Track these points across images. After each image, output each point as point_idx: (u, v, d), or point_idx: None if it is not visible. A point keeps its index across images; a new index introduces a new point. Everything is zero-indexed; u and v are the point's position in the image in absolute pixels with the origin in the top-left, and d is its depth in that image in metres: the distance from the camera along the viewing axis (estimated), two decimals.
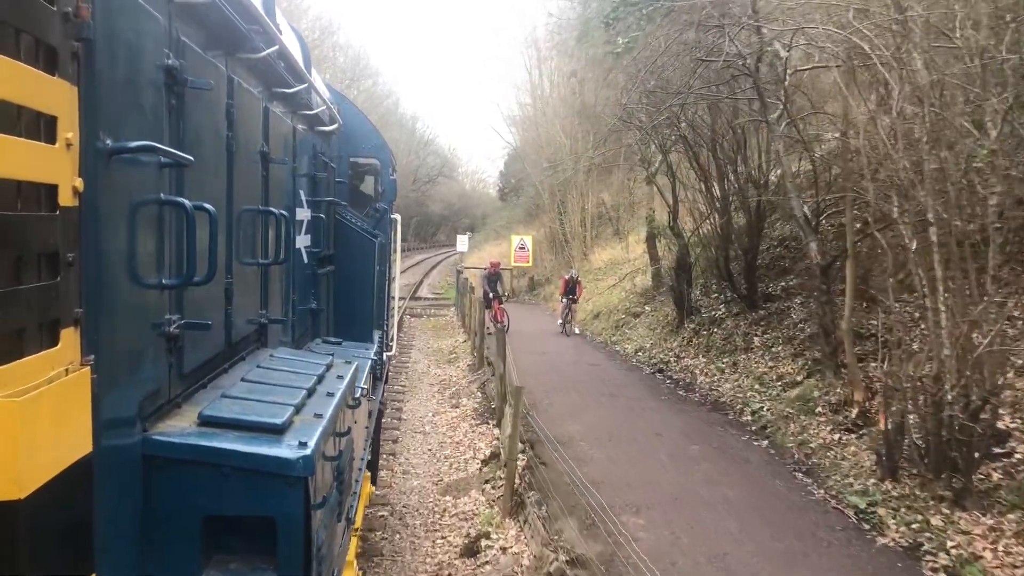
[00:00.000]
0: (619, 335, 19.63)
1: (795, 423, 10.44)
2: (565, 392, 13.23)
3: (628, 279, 23.70)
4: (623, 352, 17.95)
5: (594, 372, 15.37)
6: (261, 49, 3.77)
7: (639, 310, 20.27)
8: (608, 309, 22.08)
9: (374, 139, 8.63)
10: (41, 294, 1.80)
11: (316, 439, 2.72)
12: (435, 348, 21.00)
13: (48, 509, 1.76)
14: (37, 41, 1.78)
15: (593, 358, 17.14)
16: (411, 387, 15.92)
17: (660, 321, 18.26)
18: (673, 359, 15.73)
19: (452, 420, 13.08)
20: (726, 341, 14.54)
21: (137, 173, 2.38)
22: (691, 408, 12.35)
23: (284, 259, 4.41)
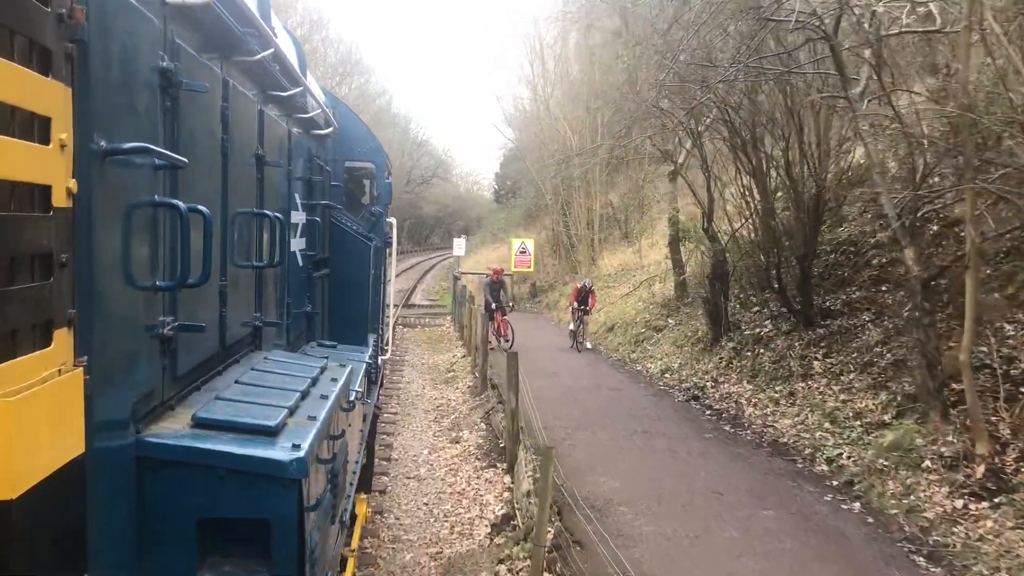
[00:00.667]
0: (640, 352, 17.46)
1: (894, 480, 8.26)
2: (589, 428, 11.08)
3: (644, 287, 21.61)
4: (646, 373, 15.83)
5: (618, 400, 13.15)
6: (256, 52, 3.77)
7: (661, 323, 18.10)
8: (624, 321, 19.94)
9: (369, 143, 8.64)
10: (34, 295, 1.80)
11: (310, 441, 2.72)
12: (430, 364, 19.01)
13: (40, 510, 1.76)
14: (31, 42, 1.78)
15: (613, 380, 15.06)
16: (403, 414, 13.69)
17: (688, 337, 16.15)
18: (710, 384, 13.55)
19: (452, 460, 10.95)
20: (777, 365, 12.33)
21: (131, 175, 2.38)
22: (746, 451, 10.05)
23: (279, 262, 4.41)
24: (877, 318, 11.39)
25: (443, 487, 9.90)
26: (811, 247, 12.60)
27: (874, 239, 12.72)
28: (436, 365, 18.81)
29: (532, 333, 21.05)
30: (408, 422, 13.13)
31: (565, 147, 30.19)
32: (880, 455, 8.72)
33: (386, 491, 9.50)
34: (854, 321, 11.85)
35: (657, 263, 22.40)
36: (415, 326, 26.21)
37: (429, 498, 9.50)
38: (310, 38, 42.32)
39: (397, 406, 14.20)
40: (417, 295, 36.96)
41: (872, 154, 9.81)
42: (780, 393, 11.65)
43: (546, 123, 33.79)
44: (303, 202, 5.74)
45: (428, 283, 43.95)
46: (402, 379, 16.77)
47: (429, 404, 14.58)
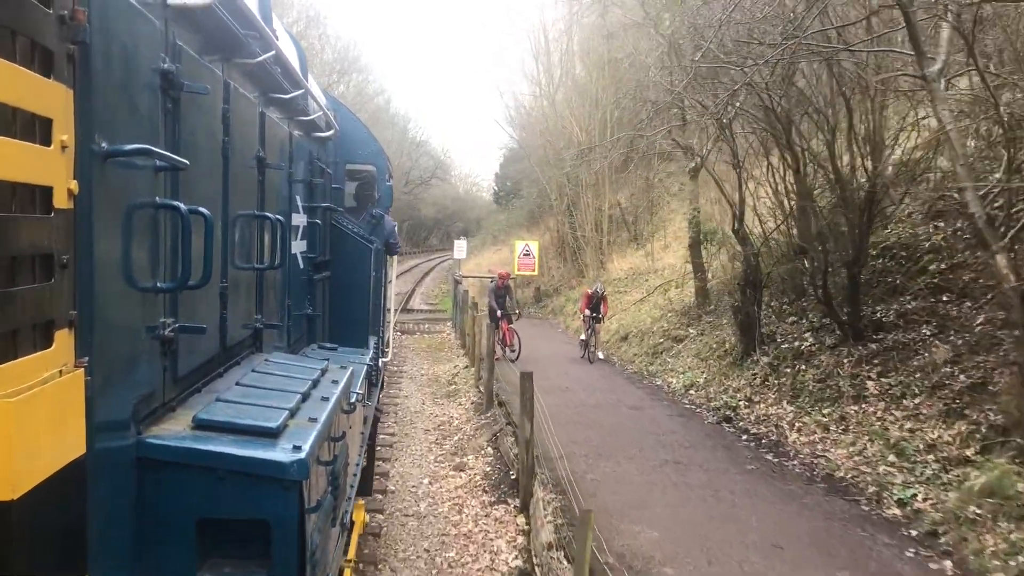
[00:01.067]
0: (659, 365, 15.96)
1: (993, 534, 6.80)
2: (612, 457, 9.77)
3: (659, 293, 20.13)
4: (668, 389, 14.39)
5: (640, 421, 11.75)
6: (258, 54, 3.78)
7: (681, 333, 16.62)
8: (640, 330, 18.44)
9: (370, 145, 8.65)
10: (35, 296, 1.80)
11: (310, 443, 2.72)
12: (431, 376, 17.58)
13: (41, 511, 1.76)
14: (33, 43, 1.79)
15: (632, 397, 13.62)
16: (401, 434, 12.29)
17: (713, 349, 14.67)
18: (743, 404, 12.08)
19: (456, 493, 9.59)
20: (823, 384, 10.90)
21: (132, 176, 2.39)
22: (798, 488, 8.63)
23: (279, 264, 4.42)
24: (940, 332, 9.96)
25: (446, 527, 8.56)
26: (861, 251, 11.07)
27: (929, 242, 11.35)
28: (436, 377, 17.41)
29: (539, 341, 19.75)
30: (407, 444, 11.78)
31: (571, 144, 28.85)
32: (969, 500, 7.21)
33: (381, 533, 8.30)
34: (912, 335, 10.33)
35: (672, 267, 21.23)
36: (414, 332, 24.82)
37: (431, 542, 8.18)
38: (306, 34, 41.28)
39: (395, 424, 12.85)
40: (416, 299, 35.38)
41: (955, 142, 8.19)
42: (829, 417, 10.21)
43: (551, 120, 32.27)
44: (304, 204, 5.75)
45: (427, 286, 42.31)
46: (400, 393, 15.48)
47: (429, 422, 13.16)
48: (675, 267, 21.01)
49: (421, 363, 19.25)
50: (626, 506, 8.01)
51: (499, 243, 43.53)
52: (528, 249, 27.59)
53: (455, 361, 19.02)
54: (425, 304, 33.49)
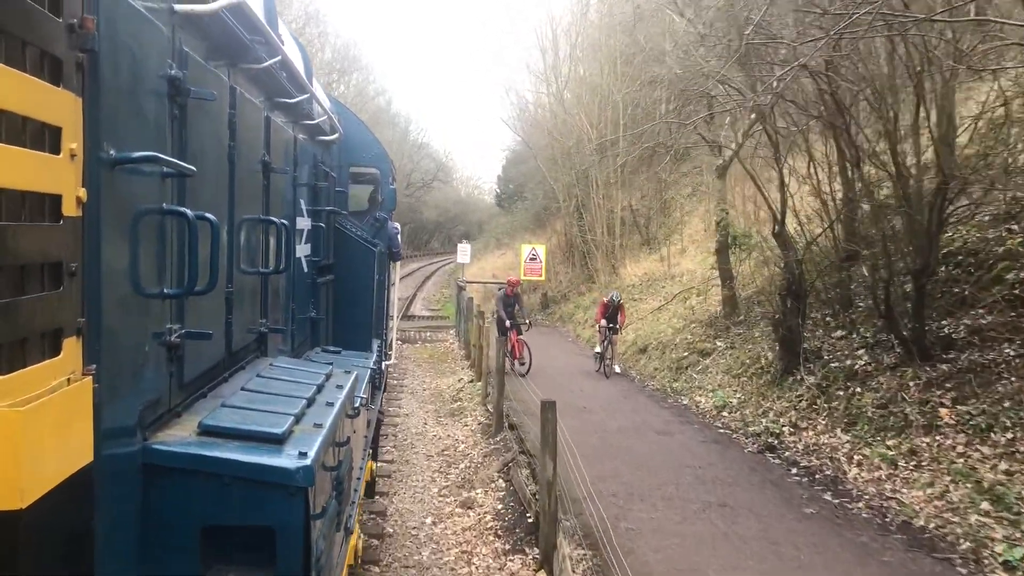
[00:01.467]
0: (684, 381, 14.40)
1: None
2: (646, 498, 8.21)
3: (678, 301, 18.55)
4: (697, 410, 12.79)
5: (672, 449, 10.27)
6: (263, 59, 3.79)
7: (708, 346, 15.02)
8: (660, 342, 16.86)
9: (374, 148, 8.66)
10: (44, 304, 1.81)
11: (316, 449, 2.72)
12: (433, 390, 16.26)
13: (49, 519, 1.76)
14: (42, 52, 1.79)
15: (658, 419, 12.06)
16: (401, 460, 10.96)
17: (747, 366, 13.09)
18: (787, 430, 10.53)
19: (464, 536, 8.26)
20: (884, 410, 9.35)
21: (140, 183, 2.39)
22: (871, 539, 7.23)
23: (284, 268, 4.42)
24: None
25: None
26: (931, 257, 9.54)
27: (1003, 247, 9.89)
28: (440, 392, 16.13)
29: (549, 351, 18.18)
30: (407, 473, 10.41)
31: (581, 142, 27.54)
32: None
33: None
34: (992, 355, 8.79)
35: (691, 272, 19.81)
36: (415, 341, 23.36)
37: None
38: (304, 31, 40.39)
39: (394, 449, 11.44)
40: (417, 304, 33.61)
41: None
42: (896, 450, 8.71)
43: (560, 117, 30.70)
44: (308, 208, 5.75)
45: (429, 290, 40.87)
46: (400, 410, 14.07)
47: (432, 446, 11.81)
48: (694, 273, 19.60)
49: (423, 376, 17.98)
50: (673, 570, 6.55)
51: (503, 247, 41.99)
52: (535, 253, 25.95)
53: (459, 373, 17.72)
54: (427, 310, 32.08)
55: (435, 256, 69.27)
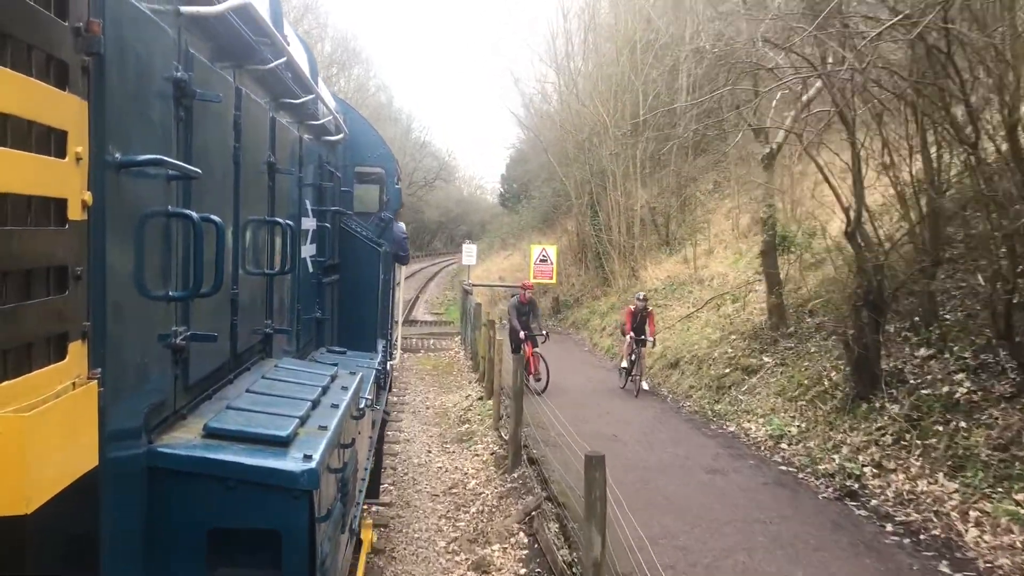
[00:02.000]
0: (728, 404, 12.33)
1: None
2: (714, 570, 6.56)
3: (711, 309, 16.40)
4: (748, 439, 10.76)
5: (730, 495, 8.41)
6: (269, 61, 3.79)
7: (753, 362, 12.85)
8: (694, 356, 14.72)
9: (379, 148, 8.66)
10: (49, 308, 1.80)
11: (321, 452, 2.72)
12: (438, 409, 14.46)
13: (55, 523, 1.76)
14: (48, 56, 1.79)
15: (704, 452, 10.08)
16: (401, 502, 9.26)
17: (805, 387, 10.99)
18: (869, 471, 8.59)
19: None
20: (1004, 453, 7.52)
21: (145, 186, 2.39)
22: None
23: (289, 269, 4.42)
24: None
25: None
26: None
27: None
28: (445, 411, 14.34)
29: (564, 363, 16.19)
30: (407, 521, 8.68)
31: (597, 134, 25.45)
32: None
33: None
34: None
35: (721, 276, 17.81)
36: (418, 350, 21.55)
37: None
38: (302, 20, 39.33)
39: (392, 488, 9.66)
40: (419, 308, 31.64)
41: None
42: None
43: (572, 108, 28.33)
44: (313, 208, 5.75)
45: (432, 292, 39.01)
46: (400, 435, 12.23)
47: (437, 481, 10.06)
48: (725, 277, 17.60)
49: (426, 391, 16.18)
50: None
51: (509, 247, 39.59)
52: (545, 254, 23.92)
53: (466, 389, 15.95)
54: (430, 314, 30.18)
55: (437, 256, 68.55)
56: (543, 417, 10.84)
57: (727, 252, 19.32)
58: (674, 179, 24.32)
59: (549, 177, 34.47)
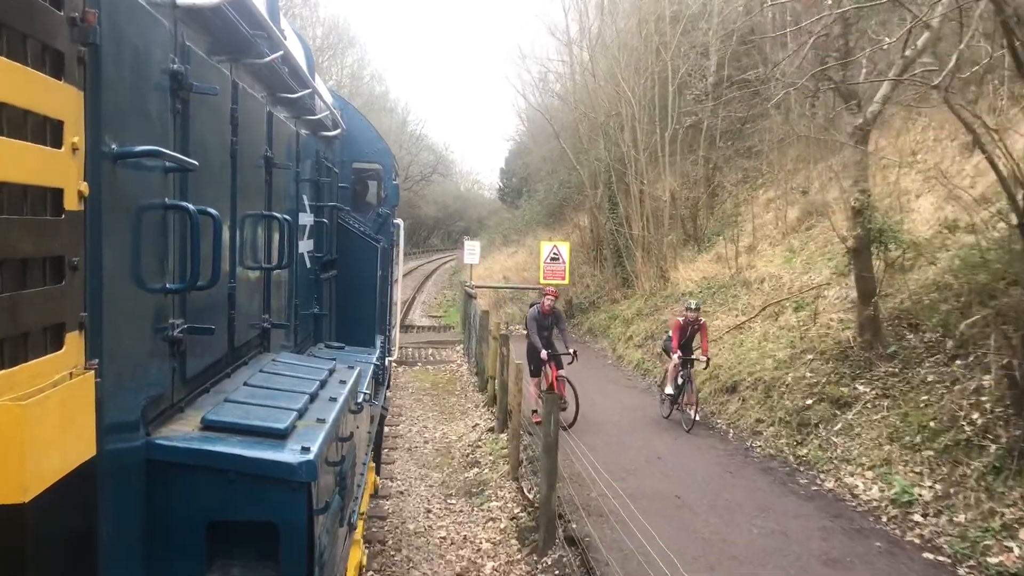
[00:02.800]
0: (816, 447, 9.56)
1: None
2: None
3: (767, 319, 13.45)
4: (857, 502, 8.15)
5: None
6: (266, 54, 3.78)
7: (844, 392, 9.94)
8: (758, 380, 11.65)
9: (377, 144, 8.65)
10: (46, 298, 1.80)
11: (319, 444, 2.72)
12: (438, 443, 11.77)
13: (52, 512, 1.76)
14: (44, 46, 1.79)
15: (805, 525, 7.50)
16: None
17: (931, 430, 8.22)
18: None
19: None
20: None
21: (142, 177, 2.39)
22: None
23: (287, 264, 4.42)
24: None
25: None
26: None
27: None
28: (448, 446, 11.57)
29: (590, 382, 13.30)
30: None
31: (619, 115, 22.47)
32: None
33: None
34: None
35: (774, 278, 14.73)
36: (414, 362, 18.79)
37: None
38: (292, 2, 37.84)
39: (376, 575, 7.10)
40: (416, 310, 28.85)
41: None
42: None
43: (588, 87, 25.38)
44: (311, 204, 5.75)
45: (429, 293, 36.13)
46: (392, 484, 9.67)
47: (440, 563, 7.38)
48: (778, 279, 14.54)
49: (424, 416, 13.41)
50: None
51: (511, 243, 36.35)
52: (557, 251, 21.29)
53: (472, 415, 13.33)
54: (427, 317, 27.72)
55: (434, 253, 67.46)
56: (577, 464, 8.53)
57: (775, 250, 16.46)
58: (703, 167, 21.10)
59: (554, 169, 32.62)
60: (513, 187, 49.29)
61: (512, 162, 52.31)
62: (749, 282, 15.65)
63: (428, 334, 23.55)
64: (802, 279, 13.96)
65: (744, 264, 16.54)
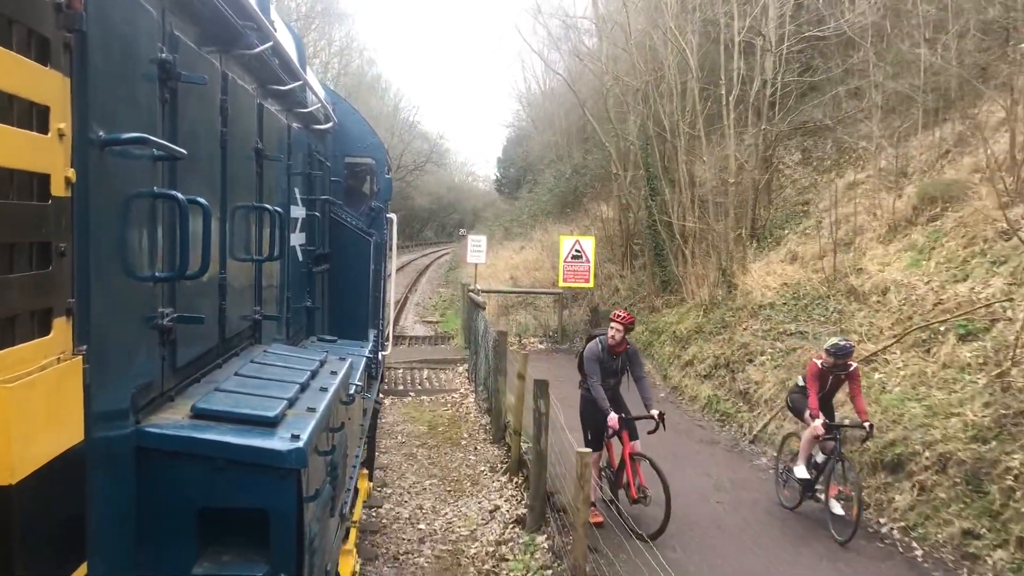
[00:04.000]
0: None
1: None
2: None
3: (912, 347, 9.31)
4: None
5: None
6: (255, 45, 3.78)
7: None
8: (946, 456, 7.42)
9: (369, 138, 8.65)
10: (33, 283, 1.81)
11: (309, 432, 2.73)
12: (442, 539, 7.98)
13: (39, 496, 1.77)
14: (30, 32, 1.79)
15: None
16: None
17: None
18: None
19: None
20: None
21: (130, 165, 2.39)
22: None
23: (278, 256, 4.42)
24: None
25: None
26: None
27: None
28: (456, 551, 7.69)
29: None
30: None
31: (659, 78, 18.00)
32: None
33: None
34: None
35: (904, 287, 10.47)
36: (406, 391, 14.39)
37: None
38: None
39: None
40: (409, 314, 24.67)
41: None
42: None
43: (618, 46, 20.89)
44: (303, 197, 5.75)
45: (423, 292, 31.68)
46: None
47: None
48: (910, 287, 10.34)
49: (420, 489, 9.46)
50: None
51: (515, 237, 30.59)
52: (580, 248, 18.01)
53: (489, 487, 9.39)
54: (422, 324, 23.20)
55: (428, 247, 64.36)
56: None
57: (887, 248, 11.86)
58: (761, 143, 16.25)
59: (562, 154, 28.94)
60: (511, 177, 46.66)
61: (510, 151, 49.39)
62: (861, 293, 11.15)
63: (423, 348, 18.92)
64: (955, 290, 9.54)
65: (845, 267, 11.94)
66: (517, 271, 24.36)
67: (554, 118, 31.58)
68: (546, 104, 35.34)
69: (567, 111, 27.35)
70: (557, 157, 31.77)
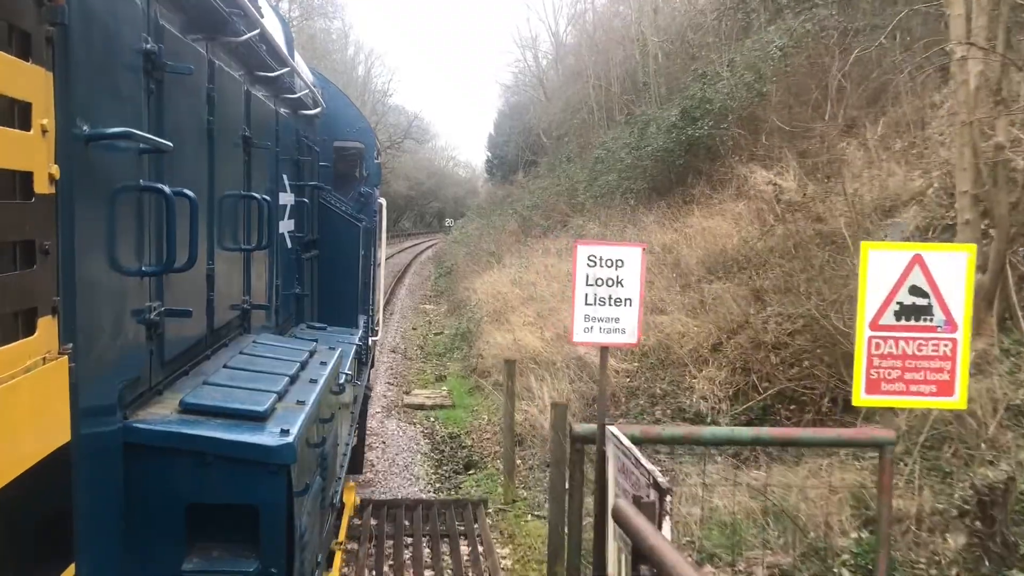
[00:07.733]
0: None
1: None
2: None
3: None
4: None
5: None
6: (242, 32, 3.72)
7: None
8: None
9: (358, 123, 8.58)
10: (17, 282, 1.78)
11: (299, 426, 2.72)
12: None
13: (26, 498, 1.75)
14: (10, 26, 1.75)
15: None
16: None
17: None
18: None
19: None
20: None
21: (115, 159, 2.36)
22: None
23: (267, 244, 4.39)
24: None
25: None
26: None
27: None
28: None
29: None
30: None
31: None
32: None
33: None
34: None
35: None
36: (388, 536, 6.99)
37: None
38: None
39: None
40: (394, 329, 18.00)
41: None
42: None
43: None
44: (291, 183, 5.70)
45: (405, 303, 23.95)
46: None
47: None
48: None
49: None
50: None
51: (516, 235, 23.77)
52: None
53: None
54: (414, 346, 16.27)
55: (406, 238, 56.50)
56: None
57: None
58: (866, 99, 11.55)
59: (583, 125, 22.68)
60: (505, 158, 38.99)
61: (503, 126, 40.88)
62: None
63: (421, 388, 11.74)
64: None
65: None
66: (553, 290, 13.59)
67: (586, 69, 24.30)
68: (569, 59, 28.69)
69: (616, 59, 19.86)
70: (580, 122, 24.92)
